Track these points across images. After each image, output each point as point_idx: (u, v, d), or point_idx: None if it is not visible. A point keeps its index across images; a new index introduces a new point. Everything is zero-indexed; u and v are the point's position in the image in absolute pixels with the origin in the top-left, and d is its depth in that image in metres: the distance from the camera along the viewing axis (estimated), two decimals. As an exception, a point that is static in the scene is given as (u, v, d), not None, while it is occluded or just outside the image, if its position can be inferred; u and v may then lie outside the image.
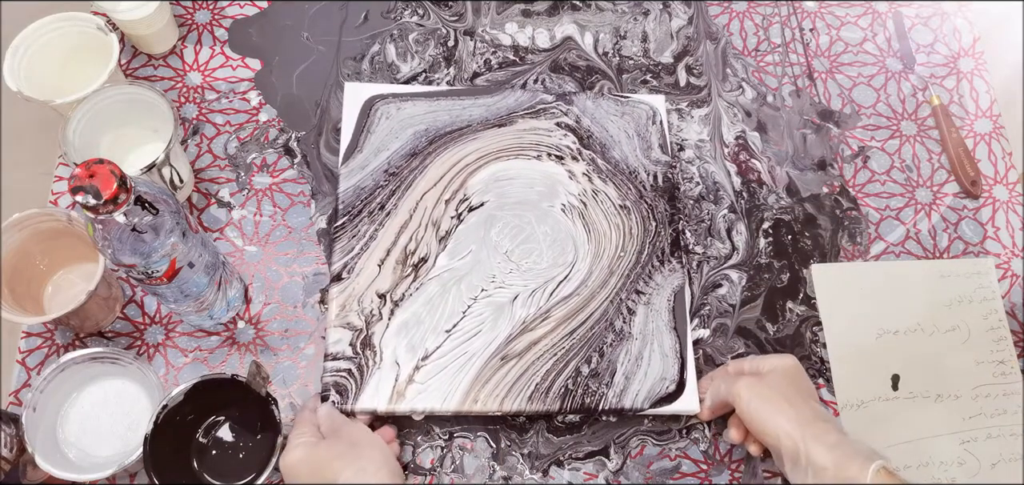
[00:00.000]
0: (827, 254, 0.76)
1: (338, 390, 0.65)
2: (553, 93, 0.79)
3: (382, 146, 0.74)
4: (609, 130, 0.77)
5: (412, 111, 0.76)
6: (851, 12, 0.88)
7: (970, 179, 0.78)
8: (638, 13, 0.86)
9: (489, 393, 0.66)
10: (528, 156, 0.75)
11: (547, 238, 0.72)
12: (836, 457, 0.55)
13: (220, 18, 0.83)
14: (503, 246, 0.71)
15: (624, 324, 0.69)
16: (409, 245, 0.71)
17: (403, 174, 0.73)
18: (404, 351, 0.67)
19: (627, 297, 0.70)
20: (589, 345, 0.68)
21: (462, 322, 0.68)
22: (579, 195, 0.74)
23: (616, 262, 0.71)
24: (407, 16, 0.84)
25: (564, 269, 0.71)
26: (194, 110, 0.78)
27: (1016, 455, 0.69)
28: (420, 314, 0.68)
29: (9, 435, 0.59)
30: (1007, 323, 0.73)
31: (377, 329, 0.67)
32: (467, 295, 0.69)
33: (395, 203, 0.72)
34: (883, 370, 0.71)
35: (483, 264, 0.70)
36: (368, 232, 0.71)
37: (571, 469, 0.66)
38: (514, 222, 0.72)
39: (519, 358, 0.67)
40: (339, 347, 0.66)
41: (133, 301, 0.71)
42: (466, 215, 0.72)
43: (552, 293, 0.70)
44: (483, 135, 0.76)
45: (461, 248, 0.71)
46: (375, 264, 0.70)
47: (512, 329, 0.68)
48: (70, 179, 0.50)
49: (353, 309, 0.68)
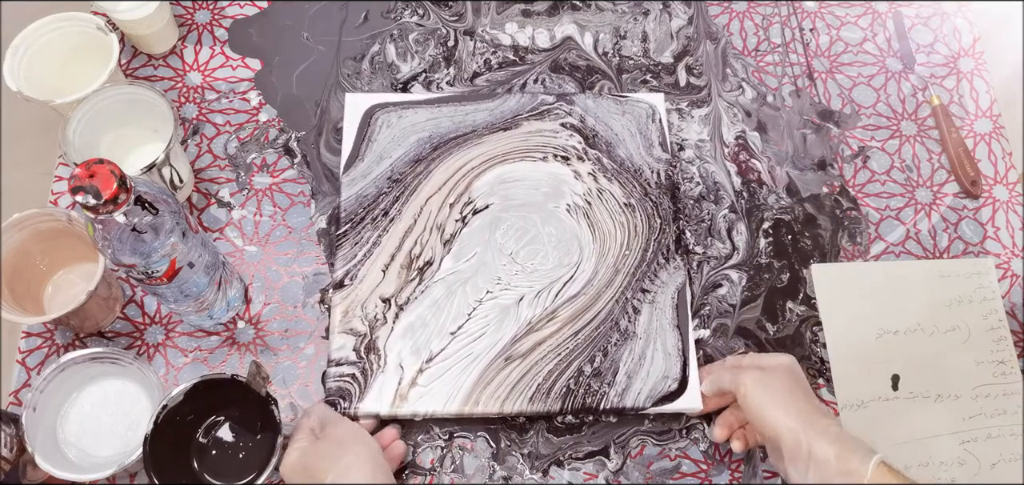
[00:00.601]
0: (827, 254, 0.76)
1: (342, 395, 0.65)
2: (553, 93, 0.79)
3: (384, 153, 0.74)
4: (613, 128, 0.77)
5: (413, 119, 0.76)
6: (851, 12, 0.88)
7: (970, 179, 0.78)
8: (638, 13, 0.86)
9: (491, 395, 0.66)
10: (534, 158, 0.75)
11: (552, 239, 0.72)
12: (838, 450, 0.55)
13: (220, 18, 0.83)
14: (508, 248, 0.71)
15: (629, 323, 0.69)
16: (414, 249, 0.71)
17: (407, 180, 0.73)
18: (408, 354, 0.67)
19: (632, 296, 0.70)
20: (593, 345, 0.68)
21: (467, 324, 0.68)
22: (584, 195, 0.74)
23: (622, 261, 0.71)
24: (407, 16, 0.84)
25: (569, 269, 0.71)
26: (194, 110, 0.78)
27: (1016, 455, 0.69)
28: (425, 317, 0.68)
29: (9, 435, 0.59)
30: (1007, 323, 0.73)
31: (381, 333, 0.67)
32: (473, 297, 0.69)
33: (399, 209, 0.72)
34: (883, 370, 0.71)
35: (488, 266, 0.70)
36: (371, 238, 0.71)
37: (571, 469, 0.66)
38: (519, 224, 0.72)
39: (523, 359, 0.67)
40: (343, 353, 0.67)
41: (133, 301, 0.71)
42: (471, 218, 0.72)
43: (558, 293, 0.70)
44: (489, 139, 0.76)
45: (466, 251, 0.71)
46: (379, 269, 0.70)
47: (518, 330, 0.68)
48: (70, 179, 0.50)
49: (356, 315, 0.68)
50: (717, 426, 0.66)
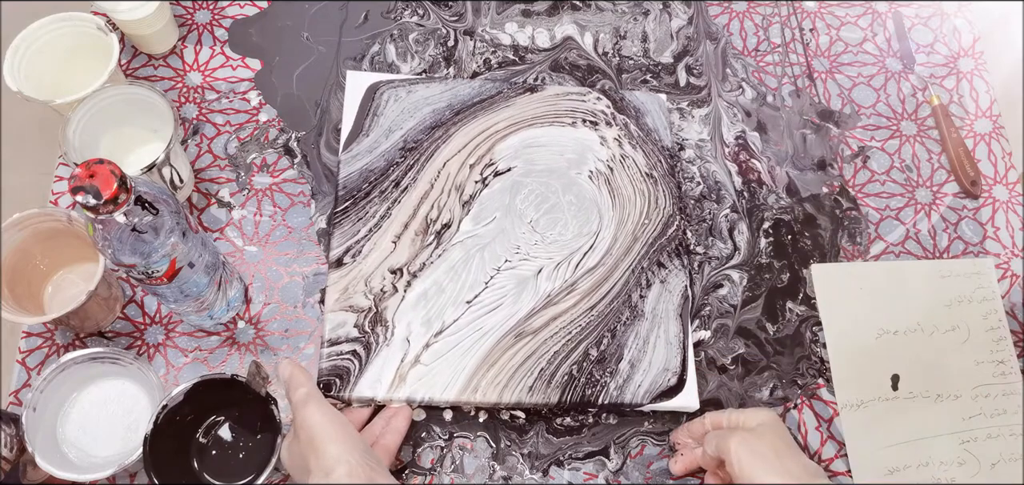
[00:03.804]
0: (827, 254, 0.76)
1: (338, 374, 0.64)
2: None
3: (395, 126, 0.74)
4: (639, 96, 0.78)
5: (426, 93, 0.76)
6: (851, 12, 0.88)
7: (970, 179, 0.78)
8: (638, 13, 0.86)
9: (491, 381, 0.65)
10: (563, 123, 0.75)
11: (572, 207, 0.71)
12: None
13: (220, 18, 0.83)
14: (528, 215, 0.71)
15: (640, 299, 0.69)
16: (431, 213, 0.70)
17: (423, 146, 0.73)
18: (419, 325, 0.66)
19: (648, 267, 0.70)
20: (604, 323, 0.68)
21: (484, 293, 0.67)
22: (607, 161, 0.74)
23: (641, 229, 0.71)
24: (407, 16, 0.84)
25: (589, 238, 0.70)
26: (194, 110, 0.78)
27: (1016, 455, 0.69)
28: (441, 282, 0.68)
29: (9, 435, 0.59)
30: (1007, 323, 0.73)
31: (390, 304, 0.67)
32: (490, 265, 0.69)
33: (413, 177, 0.72)
34: (883, 370, 0.71)
35: (508, 233, 0.70)
36: (379, 211, 0.70)
37: (571, 469, 0.66)
38: (540, 190, 0.72)
39: (534, 335, 0.67)
40: (341, 331, 0.66)
41: (133, 301, 0.71)
42: (491, 180, 0.72)
43: (577, 265, 0.69)
44: (517, 101, 0.75)
45: (485, 214, 0.70)
46: (389, 241, 0.69)
47: (536, 304, 0.68)
48: (70, 179, 0.50)
49: (358, 291, 0.67)
50: (678, 463, 0.65)
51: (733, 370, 0.71)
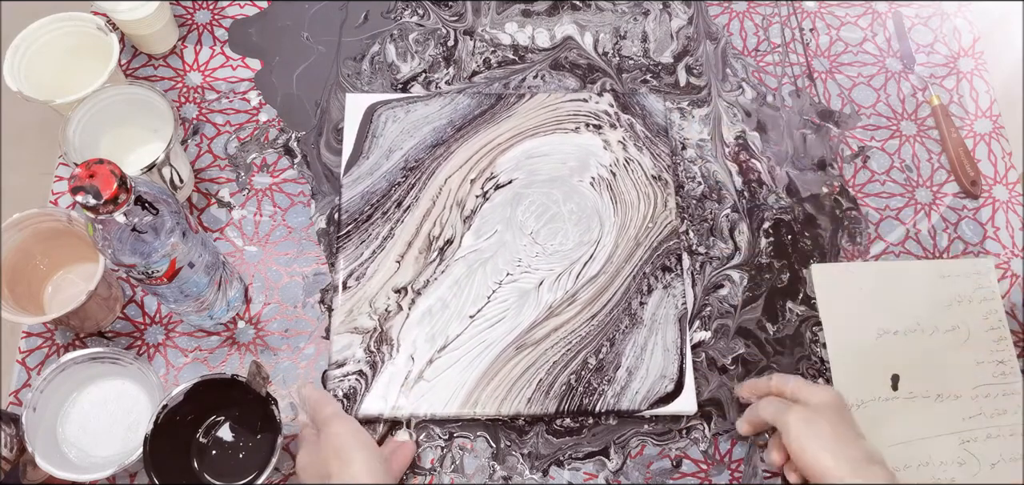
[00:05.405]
0: (827, 254, 0.76)
1: (346, 395, 0.65)
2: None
3: (394, 146, 0.74)
4: (649, 97, 0.78)
5: (425, 111, 0.76)
6: (851, 12, 0.88)
7: (970, 179, 0.78)
8: (638, 13, 0.86)
9: (491, 394, 0.66)
10: (566, 129, 0.75)
11: (573, 216, 0.71)
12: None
13: (220, 18, 0.83)
14: (528, 226, 0.71)
15: (640, 306, 0.69)
16: (433, 231, 0.70)
17: (425, 164, 0.73)
18: (423, 341, 0.67)
19: (651, 272, 0.70)
20: (603, 332, 0.68)
21: (486, 308, 0.68)
22: (610, 166, 0.73)
23: (644, 233, 0.71)
24: (407, 16, 0.84)
25: (589, 247, 0.70)
26: (194, 110, 0.78)
27: (1016, 455, 0.69)
28: (445, 298, 0.68)
29: (9, 435, 0.59)
30: (1007, 323, 0.73)
31: (395, 323, 0.67)
32: (492, 279, 0.69)
33: (415, 195, 0.72)
34: (883, 370, 0.71)
35: (508, 246, 0.70)
36: (382, 233, 0.71)
37: (571, 469, 0.66)
38: (540, 200, 0.72)
39: (535, 346, 0.67)
40: (347, 353, 0.67)
41: (133, 301, 0.71)
42: (492, 193, 0.72)
43: (578, 275, 0.69)
44: (519, 108, 0.75)
45: (486, 228, 0.71)
46: (393, 261, 0.69)
47: (537, 315, 0.68)
48: (70, 179, 0.50)
49: (363, 312, 0.68)
50: (773, 451, 0.63)
51: (733, 370, 0.71)
